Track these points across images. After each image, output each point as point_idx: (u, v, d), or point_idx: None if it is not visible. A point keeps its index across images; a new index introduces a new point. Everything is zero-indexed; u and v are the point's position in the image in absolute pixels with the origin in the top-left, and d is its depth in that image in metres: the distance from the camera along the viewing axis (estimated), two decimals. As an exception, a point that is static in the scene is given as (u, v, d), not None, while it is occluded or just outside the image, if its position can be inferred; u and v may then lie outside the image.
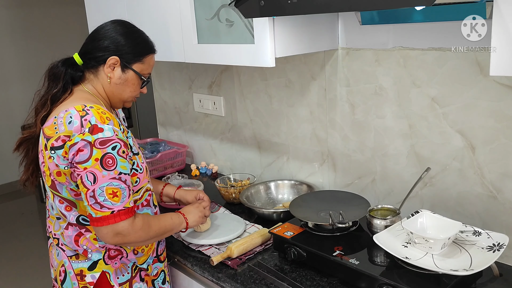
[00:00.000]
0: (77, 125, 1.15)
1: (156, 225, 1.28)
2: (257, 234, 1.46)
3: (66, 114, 1.18)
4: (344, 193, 1.57)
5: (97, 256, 1.28)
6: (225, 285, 1.31)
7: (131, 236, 1.19)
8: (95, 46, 1.28)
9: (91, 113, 1.17)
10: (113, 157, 1.16)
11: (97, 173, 1.14)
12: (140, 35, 1.34)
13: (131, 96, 1.35)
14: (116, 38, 1.28)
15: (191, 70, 2.22)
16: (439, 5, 1.20)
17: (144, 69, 1.33)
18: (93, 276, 1.29)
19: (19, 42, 4.92)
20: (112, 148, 1.16)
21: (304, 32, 1.43)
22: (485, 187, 1.31)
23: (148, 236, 1.25)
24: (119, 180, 1.16)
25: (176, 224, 1.37)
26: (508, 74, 0.90)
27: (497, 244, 1.15)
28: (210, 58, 1.56)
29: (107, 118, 1.18)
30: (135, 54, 1.30)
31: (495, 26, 0.88)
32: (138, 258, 1.34)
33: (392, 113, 1.47)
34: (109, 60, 1.27)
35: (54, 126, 1.19)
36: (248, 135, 2.03)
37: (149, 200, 1.35)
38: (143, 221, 1.22)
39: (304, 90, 1.72)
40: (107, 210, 1.15)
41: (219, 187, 1.84)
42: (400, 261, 1.16)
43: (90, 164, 1.14)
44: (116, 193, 1.16)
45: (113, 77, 1.29)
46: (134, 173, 1.27)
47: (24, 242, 3.80)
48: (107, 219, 1.15)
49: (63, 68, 1.29)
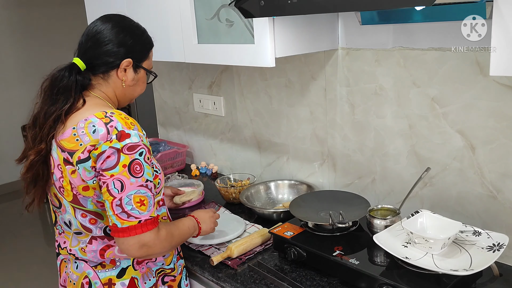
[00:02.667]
0: (103, 132, 1.09)
1: (177, 234, 1.23)
2: (257, 234, 1.46)
3: (87, 124, 1.11)
4: (344, 193, 1.57)
5: (126, 263, 1.25)
6: (225, 285, 1.31)
7: (156, 247, 1.13)
8: (104, 51, 1.21)
9: (115, 119, 1.11)
10: (140, 164, 1.11)
11: (125, 180, 1.08)
12: (142, 30, 1.29)
13: (140, 93, 1.33)
14: (123, 40, 1.22)
15: (191, 70, 2.22)
16: (439, 5, 1.20)
17: (150, 64, 1.31)
18: (123, 284, 1.24)
19: (19, 42, 4.92)
20: (139, 154, 1.11)
21: (304, 32, 1.43)
22: (485, 187, 1.31)
23: (171, 246, 1.21)
24: (146, 188, 1.11)
25: (191, 232, 1.33)
26: (508, 74, 0.90)
27: (497, 244, 1.15)
28: (210, 58, 1.56)
29: (131, 124, 1.13)
30: (144, 52, 1.27)
31: (495, 26, 0.88)
32: (166, 259, 1.33)
33: (392, 113, 1.47)
34: (122, 64, 1.22)
35: (75, 138, 1.12)
36: (248, 135, 2.03)
37: (163, 199, 1.33)
38: (166, 231, 1.17)
39: (304, 90, 1.72)
40: (134, 220, 1.09)
41: (219, 187, 1.84)
42: (400, 261, 1.16)
43: (117, 170, 1.08)
44: (143, 202, 1.10)
45: (127, 80, 1.25)
46: (156, 175, 1.23)
47: (24, 242, 3.80)
48: (134, 229, 1.09)
49: (73, 78, 1.19)
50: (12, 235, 3.96)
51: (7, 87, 4.91)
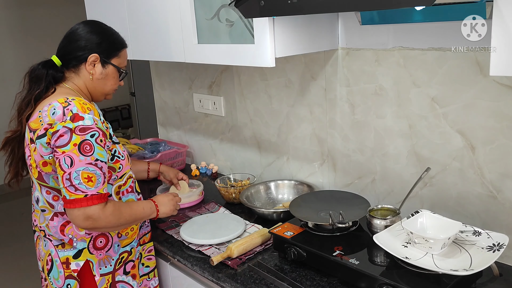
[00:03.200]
0: (59, 114, 1.23)
1: (127, 212, 1.33)
2: (257, 234, 1.46)
3: (50, 107, 1.26)
4: (344, 193, 1.57)
5: (82, 244, 1.35)
6: (225, 285, 1.31)
7: (101, 220, 1.24)
8: (74, 47, 1.37)
9: (73, 103, 1.25)
10: (90, 144, 1.23)
11: (74, 157, 1.20)
12: (112, 32, 1.43)
13: (112, 89, 1.45)
14: (92, 37, 1.37)
15: (191, 70, 2.22)
16: (439, 5, 1.20)
17: (121, 62, 1.44)
18: (77, 264, 1.35)
19: (18, 42, 4.92)
20: (90, 135, 1.23)
21: (304, 32, 1.43)
22: (485, 187, 1.31)
23: (118, 222, 1.30)
24: (95, 166, 1.23)
25: (147, 213, 1.42)
26: (508, 74, 0.90)
27: (497, 244, 1.15)
28: (210, 58, 1.56)
29: (88, 109, 1.26)
30: (112, 50, 1.40)
31: (495, 26, 0.88)
32: (122, 241, 1.41)
33: (392, 113, 1.47)
34: (90, 57, 1.36)
35: (39, 119, 1.27)
36: (248, 135, 2.03)
37: (133, 186, 1.44)
38: (113, 207, 1.27)
39: (304, 90, 1.72)
40: (81, 193, 1.21)
41: (219, 187, 1.84)
42: (400, 261, 1.16)
43: (68, 148, 1.21)
44: (91, 178, 1.22)
45: (95, 73, 1.38)
46: (117, 160, 1.36)
47: (24, 242, 3.80)
48: (79, 202, 1.21)
49: (44, 70, 1.36)
50: (12, 235, 3.96)
51: (6, 87, 4.91)
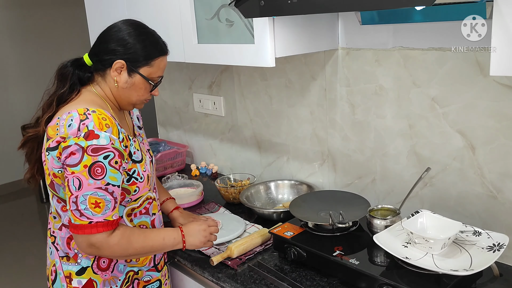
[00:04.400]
0: (74, 128, 1.13)
1: (139, 243, 1.21)
2: (257, 234, 1.46)
3: (68, 116, 1.15)
4: (344, 193, 1.57)
5: (86, 262, 1.26)
6: (225, 285, 1.31)
7: (104, 250, 1.16)
8: (102, 48, 1.24)
9: (91, 117, 1.14)
10: (102, 166, 1.12)
11: (83, 180, 1.11)
12: (149, 36, 1.26)
13: (140, 100, 1.30)
14: (123, 40, 1.22)
15: (191, 70, 2.22)
16: (439, 5, 1.20)
17: (153, 72, 1.26)
18: (79, 282, 1.26)
19: (18, 43, 4.92)
20: (104, 157, 1.13)
21: (304, 32, 1.43)
22: (485, 187, 1.31)
23: (127, 253, 1.21)
24: (105, 191, 1.13)
25: (169, 244, 1.28)
26: (508, 74, 0.90)
27: (497, 244, 1.15)
28: (210, 58, 1.56)
29: (106, 125, 1.14)
30: (143, 58, 1.23)
31: (495, 26, 0.88)
32: (131, 265, 1.32)
33: (392, 113, 1.47)
34: (115, 64, 1.22)
35: (56, 127, 1.17)
36: (248, 135, 2.03)
37: (148, 208, 1.32)
38: (121, 236, 1.17)
39: (304, 90, 1.72)
40: (86, 220, 1.12)
41: (219, 187, 1.84)
42: (400, 261, 1.16)
43: (78, 169, 1.11)
44: (99, 204, 1.13)
45: (120, 81, 1.24)
46: (134, 182, 1.24)
47: (24, 242, 3.80)
48: (83, 228, 1.13)
49: (71, 69, 1.26)
50: (12, 235, 3.96)
51: (7, 87, 4.91)
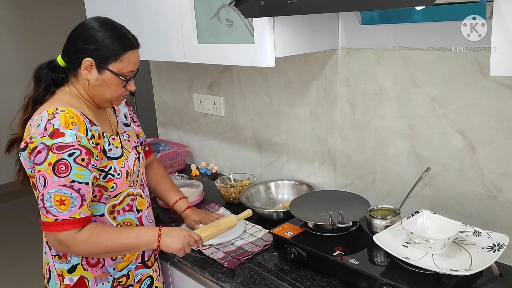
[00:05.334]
0: (41, 128, 1.14)
1: (109, 241, 1.20)
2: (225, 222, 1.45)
3: (39, 117, 1.17)
4: (344, 193, 1.57)
5: (76, 260, 1.27)
6: (225, 285, 1.31)
7: (72, 247, 1.16)
8: (71, 47, 1.24)
9: (58, 116, 1.15)
10: (67, 164, 1.12)
11: (48, 178, 1.12)
12: (116, 31, 1.23)
13: (114, 96, 1.27)
14: (90, 38, 1.21)
15: (191, 70, 2.22)
16: (439, 5, 1.20)
17: (124, 67, 1.24)
18: (71, 279, 1.28)
19: (18, 42, 4.92)
20: (69, 154, 1.13)
21: (304, 32, 1.43)
22: (485, 187, 1.31)
23: (96, 251, 1.20)
24: (70, 188, 1.13)
25: (142, 243, 1.25)
26: (508, 74, 0.90)
27: (497, 244, 1.15)
28: (210, 58, 1.56)
29: (72, 123, 1.15)
30: (111, 53, 1.21)
31: (495, 26, 0.88)
32: (117, 264, 1.32)
33: (392, 113, 1.47)
34: (83, 62, 1.21)
35: (29, 128, 1.19)
36: (248, 135, 2.03)
37: (131, 205, 1.32)
38: (89, 234, 1.16)
39: (304, 90, 1.72)
40: (52, 217, 1.13)
41: (219, 187, 1.84)
42: (400, 261, 1.15)
43: (43, 167, 1.12)
44: (63, 201, 1.12)
45: (91, 79, 1.23)
46: (110, 178, 1.24)
47: (24, 242, 3.80)
48: (49, 226, 1.14)
49: (46, 70, 1.28)
50: (12, 235, 3.96)
51: (6, 87, 4.91)
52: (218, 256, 1.41)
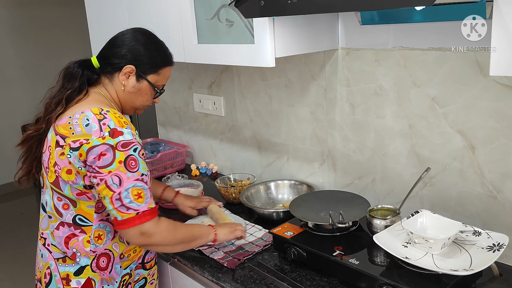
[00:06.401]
0: (96, 128, 1.16)
1: (183, 229, 1.30)
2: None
3: (82, 116, 1.19)
4: (344, 193, 1.57)
5: (85, 261, 1.28)
6: (225, 285, 1.31)
7: (156, 236, 1.20)
8: (113, 52, 1.29)
9: (108, 117, 1.18)
10: (135, 159, 1.18)
11: (122, 176, 1.15)
12: (159, 46, 1.34)
13: (143, 105, 1.37)
14: (134, 47, 1.29)
15: (191, 70, 2.22)
16: (439, 5, 1.20)
17: (159, 80, 1.34)
18: (78, 282, 1.28)
19: (18, 42, 4.92)
20: (133, 150, 1.18)
21: (304, 32, 1.43)
22: (485, 187, 1.31)
23: (175, 239, 1.26)
24: (142, 181, 1.18)
25: (204, 233, 1.36)
26: (508, 74, 0.90)
27: (497, 244, 1.15)
28: (210, 58, 1.56)
29: (124, 123, 1.20)
30: (152, 65, 1.31)
31: (495, 26, 0.88)
32: (123, 262, 1.34)
33: (392, 113, 1.47)
34: (125, 68, 1.28)
35: (68, 126, 1.20)
36: (248, 135, 2.03)
37: None
38: (168, 222, 1.25)
39: (304, 90, 1.72)
40: (133, 212, 1.17)
41: (219, 187, 1.84)
42: (400, 261, 1.16)
43: (114, 167, 1.15)
44: (140, 194, 1.17)
45: (127, 85, 1.30)
46: None
47: (24, 242, 3.80)
48: (133, 221, 1.17)
49: (80, 69, 1.30)
50: (12, 235, 3.96)
51: (7, 87, 4.91)
52: (218, 256, 1.41)
